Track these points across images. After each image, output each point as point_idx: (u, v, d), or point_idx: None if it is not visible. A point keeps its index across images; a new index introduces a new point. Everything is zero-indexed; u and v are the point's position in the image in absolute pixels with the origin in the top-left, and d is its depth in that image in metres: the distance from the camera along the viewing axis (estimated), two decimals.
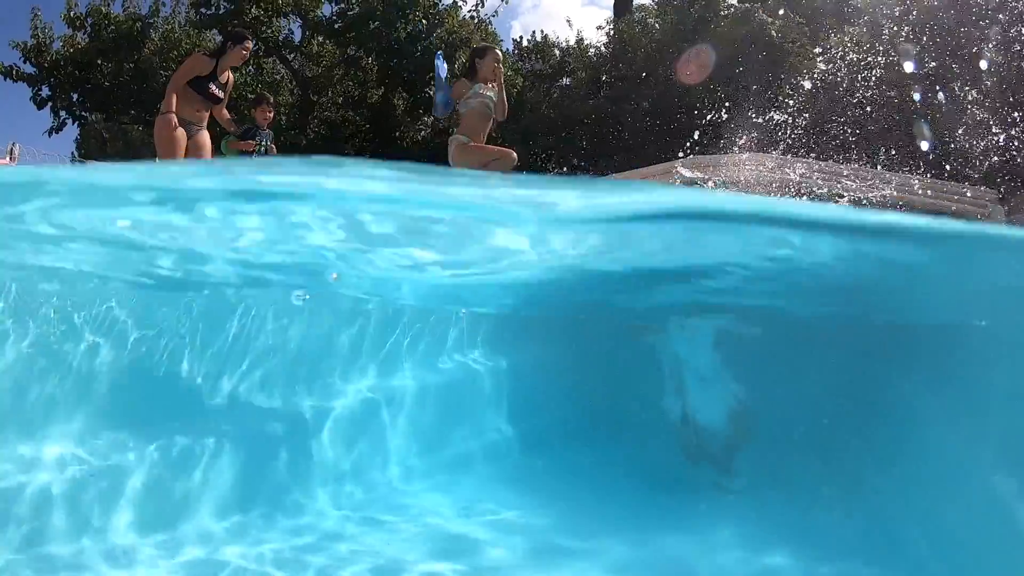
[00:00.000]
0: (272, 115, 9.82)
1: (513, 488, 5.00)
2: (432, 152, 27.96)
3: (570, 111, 29.03)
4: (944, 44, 24.40)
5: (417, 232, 3.78)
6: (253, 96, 11.42)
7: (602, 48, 31.95)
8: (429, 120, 25.33)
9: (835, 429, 4.60)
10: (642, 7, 32.31)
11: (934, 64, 26.42)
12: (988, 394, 3.80)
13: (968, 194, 15.17)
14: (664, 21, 29.65)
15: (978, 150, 21.88)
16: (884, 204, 15.00)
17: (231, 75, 8.75)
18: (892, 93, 23.98)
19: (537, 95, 30.70)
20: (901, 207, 14.97)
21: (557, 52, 32.93)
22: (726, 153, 19.05)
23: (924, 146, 17.13)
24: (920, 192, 15.01)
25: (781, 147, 19.58)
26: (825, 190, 15.30)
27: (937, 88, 25.30)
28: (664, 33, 28.97)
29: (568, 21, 59.22)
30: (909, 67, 25.00)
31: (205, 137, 8.59)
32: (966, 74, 25.93)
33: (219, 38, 24.06)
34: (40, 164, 15.05)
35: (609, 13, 32.39)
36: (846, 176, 15.71)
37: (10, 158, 14.66)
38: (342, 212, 3.42)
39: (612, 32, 31.56)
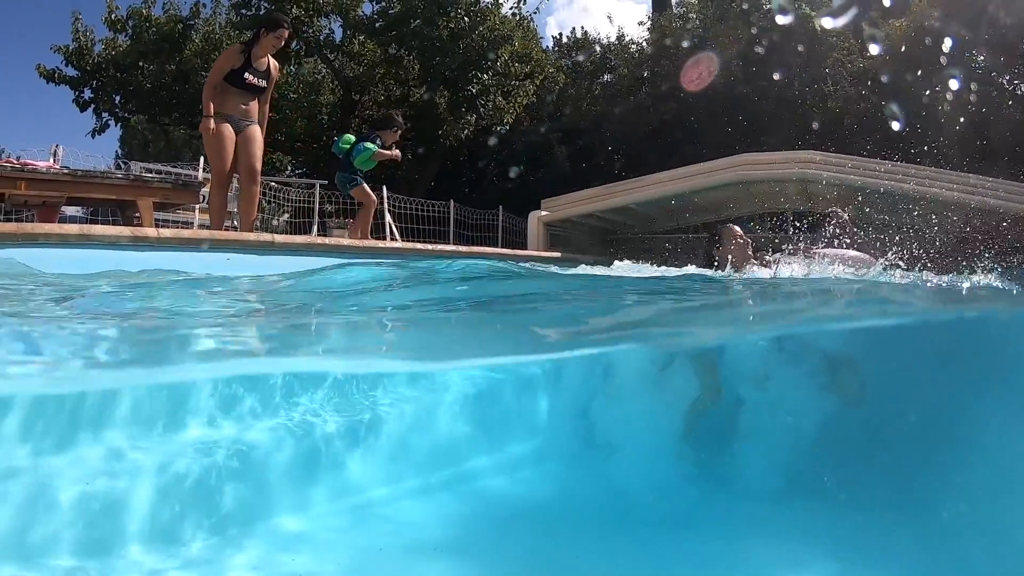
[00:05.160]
0: (398, 140, 10.24)
1: None
2: (474, 150, 27.82)
3: (612, 107, 28.81)
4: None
5: None
6: (381, 121, 11.37)
7: (644, 44, 31.72)
8: (472, 118, 25.08)
9: None
10: (682, 1, 32.09)
11: (982, 59, 25.99)
12: None
13: None
14: (705, 16, 29.40)
15: None
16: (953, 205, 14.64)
17: (272, 61, 8.48)
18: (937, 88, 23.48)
19: (579, 92, 30.50)
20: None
21: (598, 48, 32.72)
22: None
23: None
24: (994, 193, 14.64)
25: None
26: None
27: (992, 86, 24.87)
28: (705, 28, 28.70)
29: (609, 17, 59.39)
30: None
31: (255, 132, 8.37)
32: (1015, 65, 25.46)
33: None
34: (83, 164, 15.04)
35: (646, 8, 32.13)
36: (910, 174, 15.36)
37: (53, 159, 14.66)
38: None
39: (652, 28, 31.34)
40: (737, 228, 5.44)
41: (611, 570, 3.99)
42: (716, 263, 5.42)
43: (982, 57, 25.62)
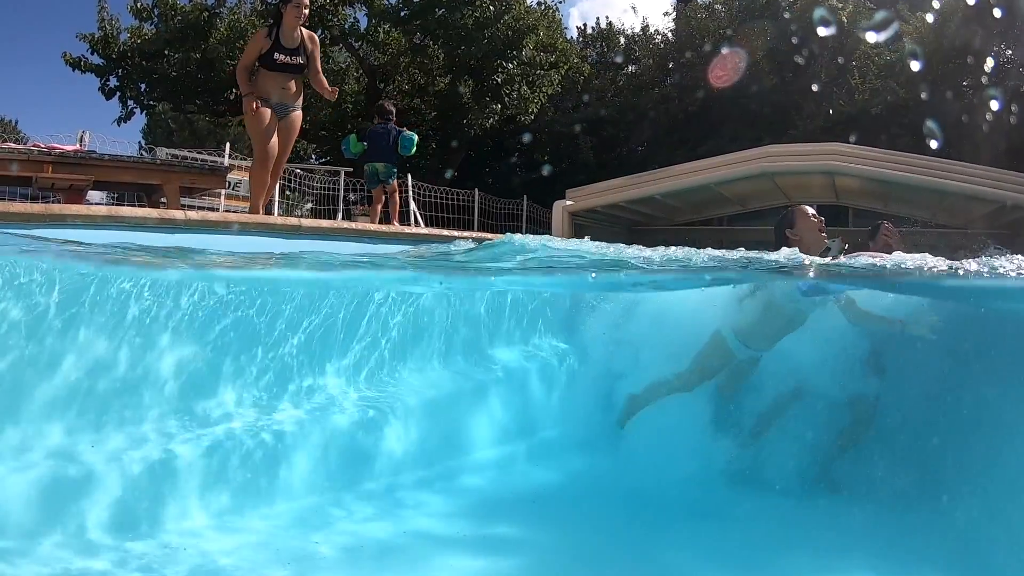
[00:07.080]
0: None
1: None
2: (499, 140, 27.75)
3: (637, 98, 28.75)
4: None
5: None
6: None
7: (668, 35, 31.62)
8: (497, 107, 24.99)
9: None
10: None
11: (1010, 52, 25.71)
12: None
13: None
14: (730, 7, 29.26)
15: None
16: None
17: (305, 32, 8.11)
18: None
19: (603, 83, 30.42)
20: None
21: (622, 39, 32.63)
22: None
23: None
24: None
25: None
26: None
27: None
28: (731, 20, 28.56)
29: (633, 8, 59.11)
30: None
31: (294, 121, 8.20)
32: None
33: None
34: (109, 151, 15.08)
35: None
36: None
37: (80, 144, 14.74)
38: None
39: (678, 18, 31.23)
40: (810, 208, 5.16)
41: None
42: (796, 243, 5.09)
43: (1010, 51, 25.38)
